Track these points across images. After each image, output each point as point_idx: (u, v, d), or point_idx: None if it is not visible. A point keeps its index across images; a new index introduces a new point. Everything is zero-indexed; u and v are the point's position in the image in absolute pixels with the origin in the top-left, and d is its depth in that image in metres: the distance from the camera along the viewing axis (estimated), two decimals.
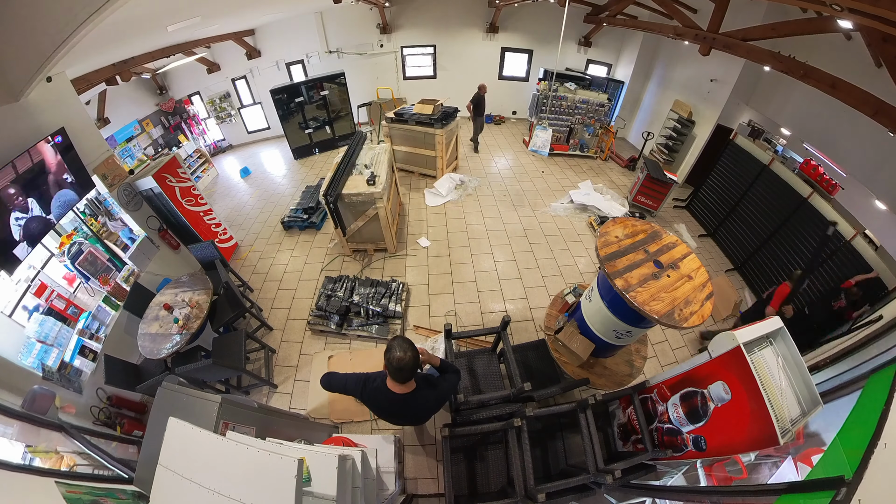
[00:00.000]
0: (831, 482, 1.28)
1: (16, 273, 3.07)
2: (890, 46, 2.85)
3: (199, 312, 3.61)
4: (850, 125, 4.63)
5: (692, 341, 4.53)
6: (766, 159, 5.45)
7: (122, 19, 3.06)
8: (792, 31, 3.84)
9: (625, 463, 2.28)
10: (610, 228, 2.85)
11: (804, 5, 3.26)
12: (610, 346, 3.07)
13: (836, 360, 2.59)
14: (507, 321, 3.12)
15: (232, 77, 9.38)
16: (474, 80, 10.34)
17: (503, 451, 2.78)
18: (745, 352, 1.76)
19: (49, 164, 3.27)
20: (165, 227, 4.93)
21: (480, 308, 4.77)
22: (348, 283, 4.76)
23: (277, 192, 7.79)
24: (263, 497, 1.53)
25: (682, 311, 2.34)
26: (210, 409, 2.07)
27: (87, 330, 3.51)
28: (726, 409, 1.86)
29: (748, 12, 5.20)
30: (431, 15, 9.47)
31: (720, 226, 6.25)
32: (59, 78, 3.62)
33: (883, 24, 2.42)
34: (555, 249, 5.79)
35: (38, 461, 2.20)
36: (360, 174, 5.10)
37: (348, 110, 9.39)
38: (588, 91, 8.64)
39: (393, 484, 2.72)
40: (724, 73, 6.59)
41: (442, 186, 7.04)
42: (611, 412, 2.92)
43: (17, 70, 2.88)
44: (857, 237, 4.07)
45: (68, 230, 3.76)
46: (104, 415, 3.26)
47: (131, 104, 7.72)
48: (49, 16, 2.41)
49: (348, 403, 3.70)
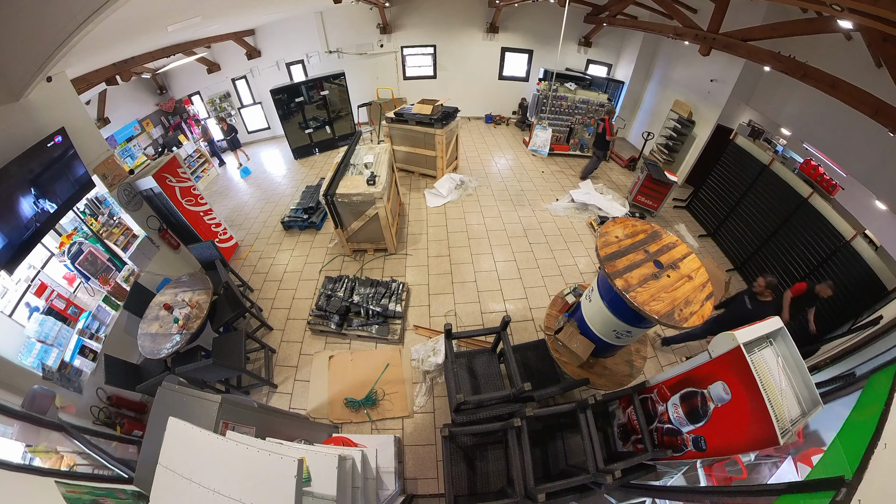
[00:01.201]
0: (831, 482, 1.28)
1: (16, 273, 3.07)
2: (890, 46, 2.85)
3: (199, 312, 3.61)
4: (850, 125, 4.62)
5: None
6: (766, 159, 5.44)
7: (122, 19, 3.06)
8: (792, 32, 3.84)
9: (625, 463, 2.28)
10: (610, 228, 2.86)
11: (804, 5, 3.26)
12: (610, 346, 3.08)
13: (836, 360, 2.60)
14: (507, 321, 3.11)
15: (232, 77, 9.39)
16: (474, 80, 10.44)
17: (503, 451, 2.77)
18: (745, 352, 1.76)
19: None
20: (165, 227, 4.93)
21: (480, 308, 4.77)
22: (348, 282, 4.76)
23: (277, 191, 7.79)
24: (263, 497, 1.53)
25: (682, 311, 2.34)
26: (210, 409, 2.07)
27: (87, 330, 3.51)
28: (726, 410, 1.86)
29: (748, 12, 5.20)
30: (431, 15, 9.47)
31: (720, 226, 6.25)
32: (59, 78, 3.62)
33: (883, 24, 2.42)
34: (555, 249, 5.78)
35: (38, 461, 2.20)
36: (360, 174, 5.10)
37: (348, 110, 9.40)
38: (588, 91, 8.64)
39: (393, 484, 2.72)
40: (725, 73, 6.59)
41: (442, 187, 7.04)
42: (611, 412, 2.92)
43: (17, 70, 2.88)
44: (857, 237, 4.07)
45: (68, 230, 3.76)
46: (104, 415, 3.26)
47: (131, 104, 7.72)
48: (49, 16, 2.42)
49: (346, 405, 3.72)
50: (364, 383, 3.89)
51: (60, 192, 3.40)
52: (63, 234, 3.70)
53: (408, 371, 4.02)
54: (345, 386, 3.89)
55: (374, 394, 3.79)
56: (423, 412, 3.70)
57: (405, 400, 3.77)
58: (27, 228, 3.05)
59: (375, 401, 3.75)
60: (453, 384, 2.93)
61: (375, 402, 3.74)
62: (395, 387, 3.88)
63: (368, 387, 3.85)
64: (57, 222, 3.47)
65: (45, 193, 3.22)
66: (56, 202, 3.33)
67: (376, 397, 3.77)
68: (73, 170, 3.56)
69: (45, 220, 3.23)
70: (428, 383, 3.89)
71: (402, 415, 3.66)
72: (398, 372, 4.01)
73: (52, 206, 3.29)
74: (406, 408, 3.71)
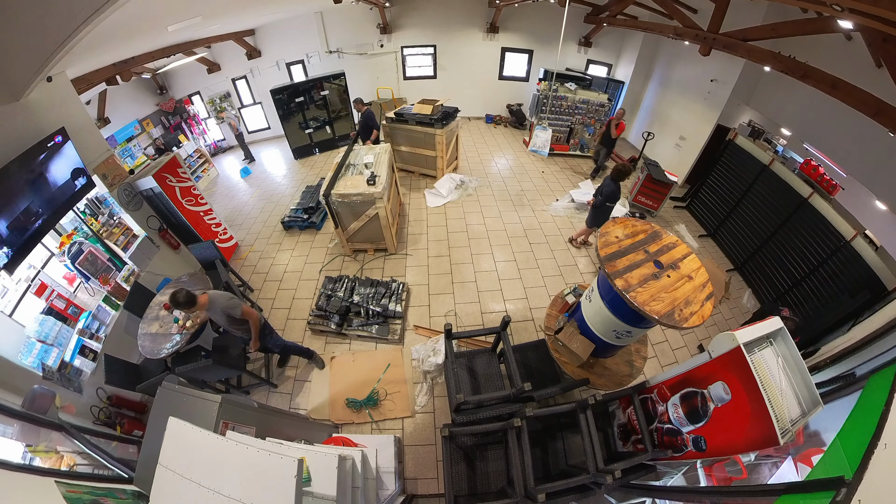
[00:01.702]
0: (831, 482, 1.28)
1: (16, 273, 3.07)
2: (890, 46, 2.85)
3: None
4: (850, 125, 4.62)
5: (692, 341, 4.53)
6: (766, 159, 5.44)
7: (122, 19, 3.06)
8: (792, 32, 3.84)
9: (625, 463, 2.28)
10: (610, 228, 2.86)
11: (804, 5, 3.26)
12: (610, 346, 3.08)
13: (836, 360, 2.59)
14: (508, 321, 3.11)
15: (232, 77, 9.38)
16: (474, 80, 10.43)
17: (503, 451, 2.77)
18: (745, 352, 1.76)
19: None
20: (165, 227, 4.93)
21: (480, 308, 4.77)
22: (348, 283, 4.76)
23: (277, 191, 7.79)
24: (263, 497, 1.53)
25: (682, 312, 2.34)
26: (210, 409, 2.07)
27: (87, 330, 3.51)
28: (726, 410, 1.86)
29: (748, 12, 5.20)
30: (431, 15, 9.46)
31: (720, 226, 6.25)
32: (59, 78, 3.62)
33: (883, 24, 2.42)
34: (555, 249, 5.78)
35: (38, 461, 2.20)
36: (360, 174, 5.10)
37: (348, 110, 9.39)
38: (588, 91, 8.63)
39: (393, 484, 2.72)
40: (724, 73, 6.58)
41: (442, 187, 7.03)
42: (611, 412, 2.92)
43: (17, 70, 2.88)
44: (858, 237, 4.07)
45: (68, 230, 3.76)
46: (104, 414, 3.26)
47: (131, 104, 7.72)
48: (49, 16, 2.42)
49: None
50: (365, 383, 3.90)
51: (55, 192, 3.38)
52: (63, 233, 3.70)
53: (409, 371, 4.02)
54: (346, 386, 3.89)
55: (376, 394, 3.79)
56: (423, 412, 3.70)
57: (407, 400, 3.77)
58: (27, 229, 3.06)
59: (377, 401, 3.74)
60: (453, 384, 2.94)
61: (377, 403, 3.74)
62: (397, 386, 3.88)
63: (369, 387, 3.85)
64: (57, 222, 3.48)
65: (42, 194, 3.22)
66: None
67: (377, 397, 3.77)
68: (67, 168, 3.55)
69: (43, 221, 3.23)
70: (429, 383, 3.90)
71: (404, 415, 3.66)
72: (399, 372, 4.01)
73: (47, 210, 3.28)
74: (408, 408, 3.71)
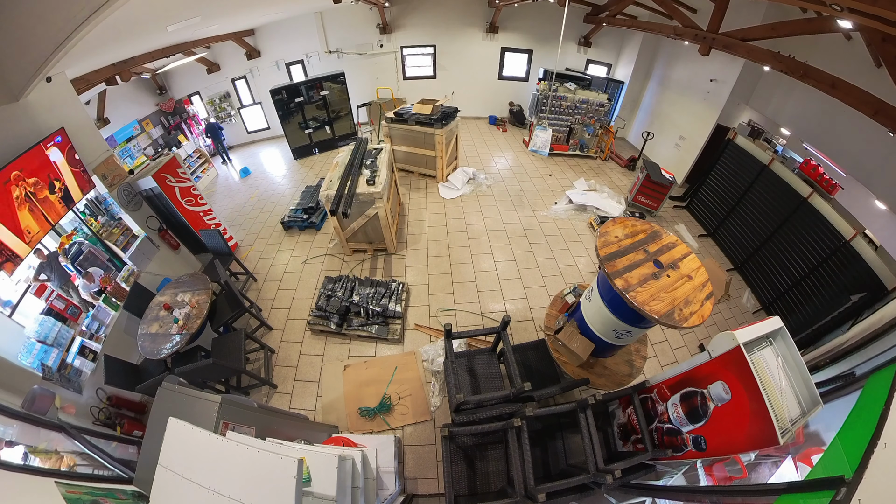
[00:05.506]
0: (831, 482, 1.28)
1: (16, 273, 3.07)
2: (890, 46, 2.85)
3: (199, 312, 3.60)
4: (850, 125, 4.62)
5: (692, 341, 4.53)
6: (765, 159, 5.44)
7: (122, 19, 3.06)
8: (792, 31, 3.84)
9: (625, 463, 2.28)
10: (610, 228, 2.85)
11: (804, 5, 3.26)
12: (610, 346, 3.07)
13: (836, 360, 2.59)
14: (507, 321, 3.12)
15: (232, 77, 9.38)
16: (474, 80, 10.43)
17: (503, 451, 2.77)
18: (745, 352, 1.76)
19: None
20: (165, 227, 4.93)
21: (480, 308, 4.77)
22: (348, 283, 4.76)
23: (277, 192, 7.79)
24: (263, 497, 1.53)
25: (681, 311, 2.34)
26: (210, 409, 2.07)
27: (87, 330, 3.51)
28: (726, 409, 1.86)
29: (748, 12, 5.20)
30: (431, 15, 9.46)
31: (720, 226, 6.25)
32: (58, 78, 3.62)
33: (883, 23, 2.42)
34: (555, 249, 5.78)
35: (38, 461, 2.19)
36: (359, 174, 5.10)
37: (348, 110, 9.39)
38: (588, 91, 8.63)
39: (393, 484, 2.72)
40: (724, 72, 6.59)
41: (457, 179, 7.09)
42: (611, 412, 2.92)
43: (17, 70, 2.88)
44: (857, 237, 4.07)
45: (68, 230, 3.76)
46: (104, 415, 3.26)
47: (131, 104, 7.72)
48: (49, 16, 2.42)
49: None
50: (379, 391, 3.80)
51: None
52: (63, 234, 3.70)
53: (423, 373, 3.96)
54: (358, 395, 3.80)
55: (388, 399, 3.70)
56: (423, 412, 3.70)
57: (425, 403, 3.70)
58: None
59: (390, 406, 3.67)
60: (453, 384, 2.93)
61: (391, 408, 3.66)
62: (411, 389, 3.81)
63: (380, 393, 3.77)
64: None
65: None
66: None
67: (390, 402, 3.68)
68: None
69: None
70: (440, 383, 3.87)
71: (424, 419, 3.60)
72: (414, 374, 3.94)
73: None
74: (427, 411, 3.64)
